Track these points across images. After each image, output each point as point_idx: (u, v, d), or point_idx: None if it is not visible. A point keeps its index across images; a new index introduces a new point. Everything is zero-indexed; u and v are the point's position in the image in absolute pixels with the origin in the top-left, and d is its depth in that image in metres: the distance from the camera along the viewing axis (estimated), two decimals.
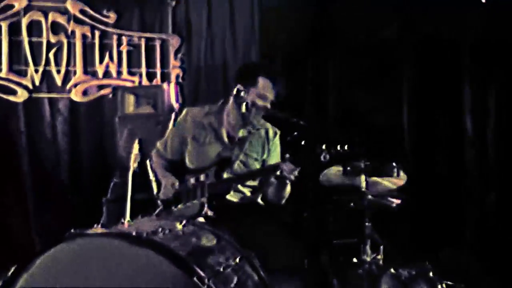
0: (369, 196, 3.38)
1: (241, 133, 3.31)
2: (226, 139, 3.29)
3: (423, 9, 4.76)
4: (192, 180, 3.17)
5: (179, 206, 3.15)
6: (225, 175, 3.20)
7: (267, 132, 3.39)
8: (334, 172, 3.51)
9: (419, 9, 4.78)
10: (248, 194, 3.31)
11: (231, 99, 3.27)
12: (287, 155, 2.99)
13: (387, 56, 4.88)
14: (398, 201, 3.44)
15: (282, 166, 2.99)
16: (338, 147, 2.85)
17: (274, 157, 3.36)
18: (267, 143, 3.37)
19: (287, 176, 3.00)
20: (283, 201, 3.29)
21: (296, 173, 2.99)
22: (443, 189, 4.85)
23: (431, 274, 3.35)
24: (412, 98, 4.97)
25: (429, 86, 4.88)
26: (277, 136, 3.40)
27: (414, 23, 4.89)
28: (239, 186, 3.25)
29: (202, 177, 3.15)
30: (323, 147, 2.84)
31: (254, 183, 3.30)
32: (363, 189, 3.38)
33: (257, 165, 3.33)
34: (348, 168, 3.38)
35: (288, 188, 3.23)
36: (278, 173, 3.01)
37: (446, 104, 4.90)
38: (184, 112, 3.43)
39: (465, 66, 4.85)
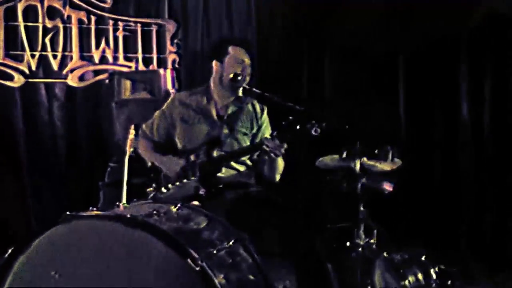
0: (363, 180, 3.39)
1: (231, 109, 3.34)
2: (215, 117, 3.31)
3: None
4: (182, 161, 3.20)
5: (170, 186, 3.19)
6: (215, 154, 3.22)
7: (254, 107, 3.41)
8: (330, 158, 3.53)
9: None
10: (242, 169, 3.33)
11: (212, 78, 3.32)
12: (274, 133, 3.01)
13: (382, 44, 4.88)
14: (390, 189, 3.46)
15: (266, 143, 2.99)
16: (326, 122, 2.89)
17: (266, 133, 3.37)
18: (256, 118, 3.39)
19: (273, 152, 3.02)
20: (278, 178, 3.31)
21: (282, 150, 3.01)
22: (437, 174, 4.89)
23: (423, 258, 3.39)
24: (409, 87, 4.98)
25: (426, 76, 4.89)
26: (265, 112, 3.42)
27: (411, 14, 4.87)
28: (232, 163, 3.28)
29: (192, 157, 3.19)
30: (313, 121, 2.86)
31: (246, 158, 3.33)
32: (357, 172, 3.40)
33: (247, 140, 3.35)
34: (344, 152, 3.40)
35: (280, 164, 3.25)
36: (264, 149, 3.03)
37: (442, 93, 4.90)
38: (171, 96, 3.47)
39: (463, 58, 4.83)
